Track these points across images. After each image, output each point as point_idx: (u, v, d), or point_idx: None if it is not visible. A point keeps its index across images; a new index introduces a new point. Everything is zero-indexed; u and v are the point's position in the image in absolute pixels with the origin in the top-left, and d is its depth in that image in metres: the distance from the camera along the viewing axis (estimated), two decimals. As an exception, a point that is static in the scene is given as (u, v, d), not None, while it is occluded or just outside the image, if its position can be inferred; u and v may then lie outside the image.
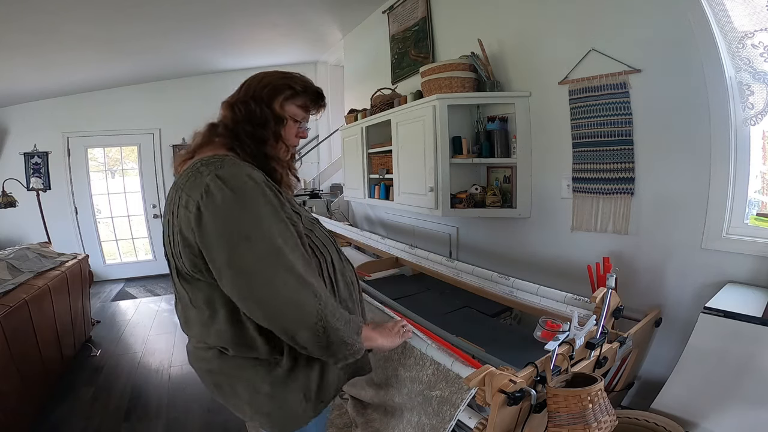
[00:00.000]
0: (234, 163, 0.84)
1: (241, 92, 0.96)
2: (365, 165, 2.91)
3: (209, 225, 0.77)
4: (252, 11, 3.07)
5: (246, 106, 0.92)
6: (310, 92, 0.98)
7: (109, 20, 2.78)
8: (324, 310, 0.78)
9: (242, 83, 0.98)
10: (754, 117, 1.32)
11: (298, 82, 0.97)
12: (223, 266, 0.77)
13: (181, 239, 0.82)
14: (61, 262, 2.73)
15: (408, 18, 2.88)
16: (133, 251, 5.11)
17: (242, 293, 0.77)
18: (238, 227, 0.77)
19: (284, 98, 0.94)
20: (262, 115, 0.92)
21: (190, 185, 0.81)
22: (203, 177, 0.80)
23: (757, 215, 1.38)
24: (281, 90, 0.94)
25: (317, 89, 1.00)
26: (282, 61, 4.71)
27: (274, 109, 0.93)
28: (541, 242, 2.02)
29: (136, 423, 2.12)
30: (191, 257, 0.82)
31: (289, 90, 0.94)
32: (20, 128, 4.36)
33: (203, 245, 0.78)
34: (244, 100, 0.93)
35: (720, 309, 1.21)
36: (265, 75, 0.97)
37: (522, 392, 0.92)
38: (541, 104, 1.95)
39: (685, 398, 1.21)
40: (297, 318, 0.77)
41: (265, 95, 0.93)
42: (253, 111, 0.92)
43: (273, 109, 0.93)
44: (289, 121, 0.96)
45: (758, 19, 1.26)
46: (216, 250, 0.77)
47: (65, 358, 2.59)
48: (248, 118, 0.92)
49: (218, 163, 0.82)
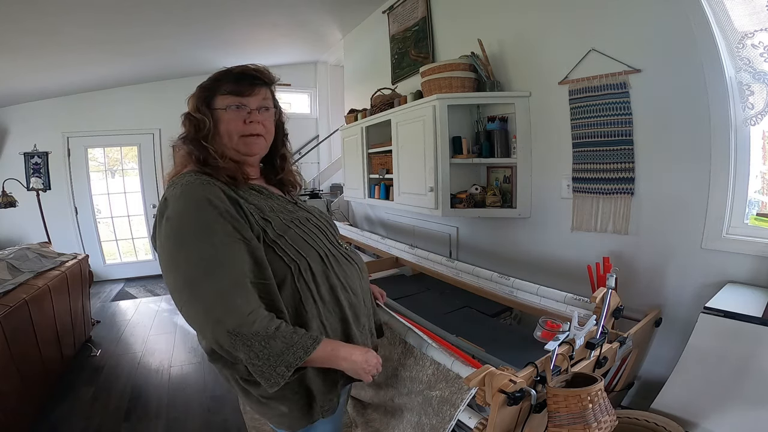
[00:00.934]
0: (183, 181, 0.85)
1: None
2: (365, 165, 2.91)
3: (158, 242, 0.84)
4: (252, 11, 3.07)
5: (184, 122, 0.97)
6: (227, 77, 0.94)
7: (110, 22, 2.79)
8: (237, 345, 0.77)
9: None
10: (754, 117, 1.32)
11: (214, 76, 0.96)
12: (165, 271, 0.82)
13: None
14: (61, 262, 2.73)
15: (408, 18, 2.88)
16: (133, 251, 5.11)
17: (179, 309, 0.81)
18: (168, 247, 0.82)
19: (197, 100, 0.94)
20: (188, 127, 0.94)
21: (159, 205, 0.87)
22: (163, 201, 0.86)
23: (757, 215, 1.38)
24: (195, 94, 0.96)
25: (237, 69, 0.95)
26: (282, 61, 4.71)
27: (202, 111, 0.93)
28: (541, 242, 2.02)
29: (136, 423, 2.12)
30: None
31: (200, 91, 0.95)
32: (20, 128, 4.36)
33: (161, 258, 0.84)
34: (185, 114, 0.97)
35: (720, 309, 1.21)
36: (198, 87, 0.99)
37: (522, 392, 0.92)
38: (541, 104, 1.95)
39: (685, 398, 1.21)
40: (216, 343, 0.80)
41: (189, 105, 0.96)
42: (183, 126, 0.96)
43: (202, 112, 0.93)
44: (221, 115, 0.93)
45: (758, 19, 1.26)
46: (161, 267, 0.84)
47: (65, 358, 2.58)
48: (182, 134, 0.96)
49: (175, 182, 0.87)
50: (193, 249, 0.79)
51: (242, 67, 0.95)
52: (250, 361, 0.78)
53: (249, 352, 0.77)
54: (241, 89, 0.93)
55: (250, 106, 0.94)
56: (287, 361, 0.79)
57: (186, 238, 0.80)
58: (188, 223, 0.81)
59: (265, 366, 0.78)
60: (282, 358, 0.79)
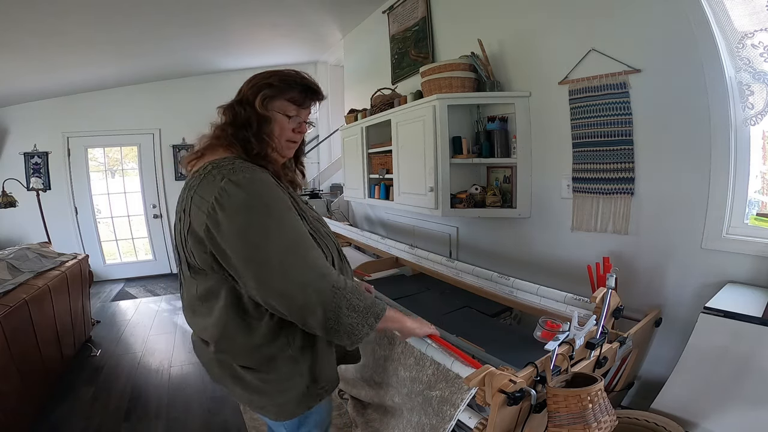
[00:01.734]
0: (244, 166, 0.88)
1: (236, 95, 0.99)
2: (365, 165, 2.91)
3: (225, 226, 0.81)
4: (252, 12, 3.07)
5: (232, 110, 0.96)
6: (296, 85, 0.97)
7: (110, 22, 2.79)
8: (338, 300, 0.82)
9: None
10: (754, 117, 1.32)
11: (282, 77, 0.96)
12: (242, 263, 0.81)
13: (192, 237, 0.86)
14: (61, 262, 2.73)
15: (408, 18, 2.88)
16: (133, 251, 5.11)
17: (262, 285, 0.81)
18: (255, 226, 0.82)
19: (263, 97, 0.94)
20: (245, 117, 0.94)
21: (203, 187, 0.85)
22: (216, 180, 0.84)
23: (757, 215, 1.38)
24: (261, 89, 0.95)
25: (305, 82, 0.99)
26: (282, 61, 4.70)
27: (255, 108, 0.94)
28: (541, 242, 2.02)
29: (136, 423, 2.12)
30: (201, 254, 0.86)
31: (267, 88, 0.95)
32: (20, 128, 4.36)
33: (220, 244, 0.82)
34: (232, 103, 0.97)
35: (720, 309, 1.21)
36: (255, 76, 0.99)
37: (522, 392, 0.92)
38: (541, 104, 1.95)
39: (685, 398, 1.21)
40: (311, 305, 0.81)
41: (249, 95, 0.95)
42: (237, 113, 0.95)
43: (255, 109, 0.94)
44: (279, 118, 0.96)
45: (758, 19, 1.26)
46: (234, 249, 0.81)
47: (65, 358, 2.58)
48: (233, 120, 0.95)
49: (229, 167, 0.87)
50: (285, 218, 0.85)
51: (309, 81, 1.00)
52: (348, 314, 0.83)
53: (348, 304, 0.83)
54: (303, 102, 1.00)
55: (302, 118, 1.01)
56: (375, 312, 0.88)
57: (273, 210, 0.84)
58: (271, 197, 0.86)
59: (359, 318, 0.84)
60: (372, 309, 0.87)
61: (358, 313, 0.84)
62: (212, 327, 0.92)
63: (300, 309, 0.81)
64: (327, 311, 0.81)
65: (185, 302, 1.00)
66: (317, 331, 0.84)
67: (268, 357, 0.93)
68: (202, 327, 0.96)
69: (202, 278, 0.92)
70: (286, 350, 0.93)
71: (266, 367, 0.93)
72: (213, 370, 1.01)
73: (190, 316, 0.99)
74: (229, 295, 0.89)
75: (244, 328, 0.90)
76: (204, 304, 0.93)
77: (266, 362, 0.93)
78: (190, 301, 0.96)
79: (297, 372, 0.95)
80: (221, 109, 0.98)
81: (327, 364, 1.02)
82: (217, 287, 0.90)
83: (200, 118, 1.00)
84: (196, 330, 1.00)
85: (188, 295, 0.97)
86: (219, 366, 0.98)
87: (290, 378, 0.95)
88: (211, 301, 0.91)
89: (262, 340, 0.91)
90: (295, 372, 0.95)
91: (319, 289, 0.81)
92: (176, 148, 4.84)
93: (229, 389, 0.99)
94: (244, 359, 0.94)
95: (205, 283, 0.91)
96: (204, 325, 0.94)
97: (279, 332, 0.92)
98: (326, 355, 1.01)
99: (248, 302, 0.89)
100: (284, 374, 0.94)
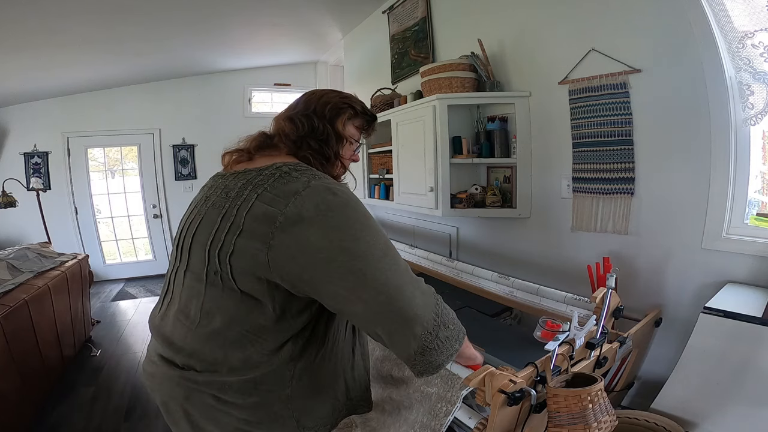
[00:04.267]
0: (325, 174, 0.86)
1: (299, 107, 0.95)
2: (365, 165, 2.91)
3: (320, 236, 0.72)
4: (252, 11, 3.07)
5: (309, 121, 0.91)
6: (367, 114, 1.01)
7: (110, 22, 2.79)
8: (437, 318, 0.76)
9: (298, 99, 0.99)
10: (754, 117, 1.32)
11: (357, 103, 0.99)
12: (339, 275, 0.72)
13: (242, 243, 0.74)
14: (61, 262, 2.73)
15: (408, 18, 2.88)
16: (133, 251, 5.11)
17: (371, 306, 0.72)
18: (360, 237, 0.75)
19: (346, 118, 0.96)
20: (324, 132, 0.92)
21: (279, 187, 0.77)
22: (309, 187, 0.76)
23: (757, 215, 1.38)
24: (344, 110, 0.95)
25: (372, 112, 1.03)
26: (282, 61, 4.71)
27: (336, 127, 0.94)
28: (541, 242, 2.02)
29: (136, 423, 2.12)
30: (254, 264, 0.74)
31: (350, 110, 0.96)
32: (20, 128, 4.35)
33: (309, 255, 0.72)
34: (305, 114, 0.92)
35: (720, 309, 1.21)
36: (325, 93, 0.97)
37: (522, 392, 0.92)
38: (541, 104, 1.95)
39: (685, 398, 1.21)
40: (413, 319, 0.73)
41: (327, 113, 0.93)
42: (317, 127, 0.91)
43: (335, 128, 0.94)
44: (347, 142, 0.98)
45: (758, 19, 1.26)
46: (333, 260, 0.72)
47: (65, 358, 2.58)
48: (311, 132, 0.91)
49: (311, 173, 0.81)
50: (380, 234, 0.79)
51: (373, 114, 1.04)
52: (444, 337, 0.75)
53: (445, 329, 0.76)
54: (365, 131, 1.04)
55: (358, 145, 1.04)
56: (460, 339, 0.80)
57: (370, 224, 0.78)
58: (363, 213, 0.79)
59: (447, 344, 0.76)
60: (458, 337, 0.80)
61: (448, 340, 0.76)
62: (218, 349, 0.79)
63: (407, 322, 0.72)
64: (429, 324, 0.74)
65: (177, 309, 0.86)
66: (411, 348, 0.73)
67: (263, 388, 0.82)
68: (190, 347, 0.82)
69: (225, 292, 0.78)
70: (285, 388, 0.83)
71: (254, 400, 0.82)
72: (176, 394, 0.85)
73: (178, 327, 0.84)
74: (259, 317, 0.78)
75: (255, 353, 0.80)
76: (210, 323, 0.79)
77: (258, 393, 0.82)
78: (186, 312, 0.83)
79: (287, 408, 0.84)
80: (284, 118, 0.93)
81: (321, 406, 0.91)
82: (246, 309, 0.78)
83: (200, 118, 0.99)
84: (173, 346, 0.84)
85: (185, 304, 0.84)
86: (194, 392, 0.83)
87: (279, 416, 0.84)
88: (213, 318, 0.79)
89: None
90: (284, 410, 0.84)
91: (429, 310, 0.75)
92: (176, 148, 4.84)
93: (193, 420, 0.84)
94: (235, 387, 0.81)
95: (223, 300, 0.78)
96: (198, 344, 0.81)
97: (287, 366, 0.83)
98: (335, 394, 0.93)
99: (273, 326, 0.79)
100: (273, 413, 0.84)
